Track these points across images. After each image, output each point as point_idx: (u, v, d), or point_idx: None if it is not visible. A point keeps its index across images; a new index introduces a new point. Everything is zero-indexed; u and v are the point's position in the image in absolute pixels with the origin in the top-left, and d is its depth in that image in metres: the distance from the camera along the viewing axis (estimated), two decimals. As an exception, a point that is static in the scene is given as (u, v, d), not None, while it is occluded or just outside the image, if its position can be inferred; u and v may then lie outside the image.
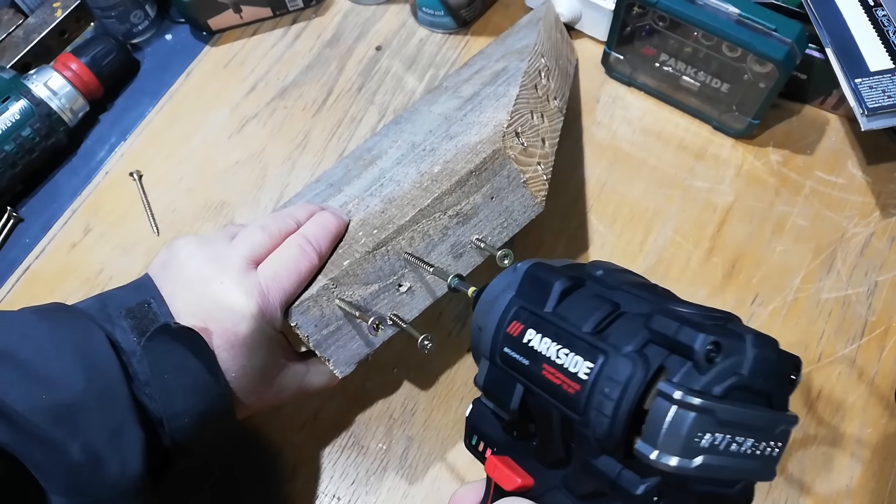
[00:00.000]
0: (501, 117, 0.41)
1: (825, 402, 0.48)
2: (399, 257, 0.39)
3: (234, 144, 0.60)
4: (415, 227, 0.39)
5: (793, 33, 0.50)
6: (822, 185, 0.56)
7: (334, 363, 0.40)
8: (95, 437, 0.32)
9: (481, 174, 0.39)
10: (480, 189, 0.39)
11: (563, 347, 0.25)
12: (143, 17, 0.65)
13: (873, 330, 0.51)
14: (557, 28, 0.59)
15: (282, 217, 0.42)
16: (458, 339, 0.51)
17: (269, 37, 0.66)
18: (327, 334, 0.39)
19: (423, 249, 0.40)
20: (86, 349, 0.34)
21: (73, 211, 0.58)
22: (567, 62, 0.58)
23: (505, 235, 0.41)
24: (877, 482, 0.46)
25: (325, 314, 0.39)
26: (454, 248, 0.40)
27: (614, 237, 0.55)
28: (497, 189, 0.40)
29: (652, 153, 0.58)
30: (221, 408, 0.37)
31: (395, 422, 0.49)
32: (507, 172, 0.40)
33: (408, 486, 0.47)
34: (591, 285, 0.27)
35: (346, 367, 0.41)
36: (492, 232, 0.41)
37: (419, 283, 0.40)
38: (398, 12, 0.67)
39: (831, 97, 0.58)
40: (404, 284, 0.40)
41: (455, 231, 0.40)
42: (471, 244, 0.41)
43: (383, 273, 0.39)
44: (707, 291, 0.52)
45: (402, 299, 0.40)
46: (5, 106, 0.56)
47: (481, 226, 0.40)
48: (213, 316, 0.37)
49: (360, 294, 0.39)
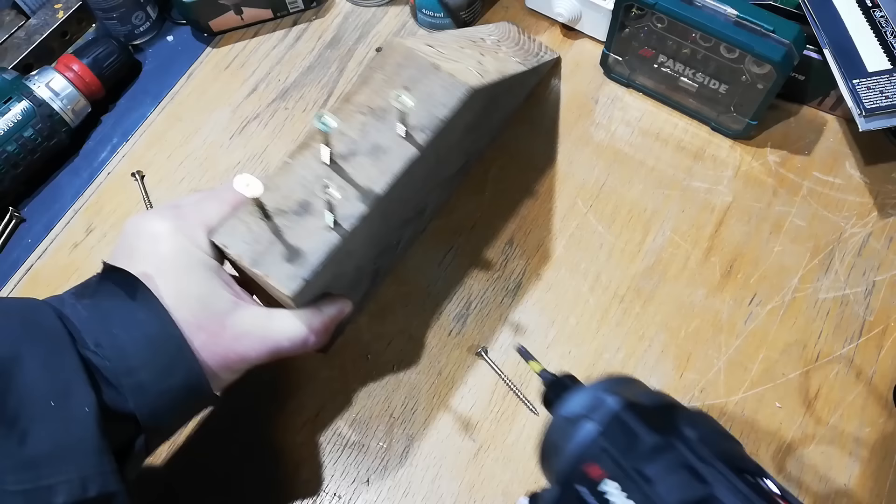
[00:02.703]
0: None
1: (823, 402, 0.49)
2: (320, 162, 0.39)
3: (236, 145, 0.61)
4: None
5: (791, 34, 0.50)
6: (820, 186, 0.56)
7: (276, 278, 0.36)
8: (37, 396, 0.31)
9: (385, 68, 0.41)
10: (391, 83, 0.41)
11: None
12: (145, 18, 0.66)
13: (871, 330, 0.51)
14: (518, 30, 0.63)
15: None
16: (459, 339, 0.52)
17: (270, 38, 0.66)
18: (261, 250, 0.37)
19: (345, 149, 0.39)
20: (29, 317, 0.33)
21: (75, 211, 0.58)
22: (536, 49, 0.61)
23: (438, 116, 0.41)
24: (875, 481, 0.46)
25: (253, 230, 0.37)
26: (381, 143, 0.40)
27: (613, 237, 0.55)
28: (410, 79, 0.41)
29: (650, 154, 0.58)
30: (178, 356, 0.35)
31: (396, 421, 0.49)
32: (415, 63, 0.41)
33: (408, 485, 0.47)
34: (682, 451, 0.26)
35: (292, 280, 0.37)
36: (419, 117, 0.40)
37: (348, 186, 0.39)
38: (398, 14, 0.67)
39: (829, 98, 0.58)
40: (331, 187, 0.38)
41: (375, 126, 0.40)
42: (395, 135, 0.40)
43: (306, 180, 0.39)
44: (705, 291, 0.52)
45: (343, 199, 0.38)
46: (7, 107, 0.57)
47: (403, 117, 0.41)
48: (135, 247, 0.36)
49: (288, 203, 0.38)
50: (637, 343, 0.51)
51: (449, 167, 0.51)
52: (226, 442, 0.49)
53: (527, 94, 0.61)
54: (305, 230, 0.37)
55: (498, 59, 0.51)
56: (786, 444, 0.48)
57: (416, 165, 0.40)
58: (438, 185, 0.52)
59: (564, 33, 0.65)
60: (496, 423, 0.49)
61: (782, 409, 0.49)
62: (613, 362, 0.50)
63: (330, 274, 0.40)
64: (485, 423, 0.49)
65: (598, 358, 0.51)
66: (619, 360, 0.50)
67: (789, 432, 0.48)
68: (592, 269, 0.54)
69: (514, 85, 0.54)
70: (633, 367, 0.50)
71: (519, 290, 0.53)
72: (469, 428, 0.49)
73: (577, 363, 0.50)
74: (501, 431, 0.49)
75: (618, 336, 0.51)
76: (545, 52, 0.62)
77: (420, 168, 0.42)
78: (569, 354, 0.51)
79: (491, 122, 0.54)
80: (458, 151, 0.51)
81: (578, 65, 0.63)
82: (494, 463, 0.48)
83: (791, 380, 0.49)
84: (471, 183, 0.57)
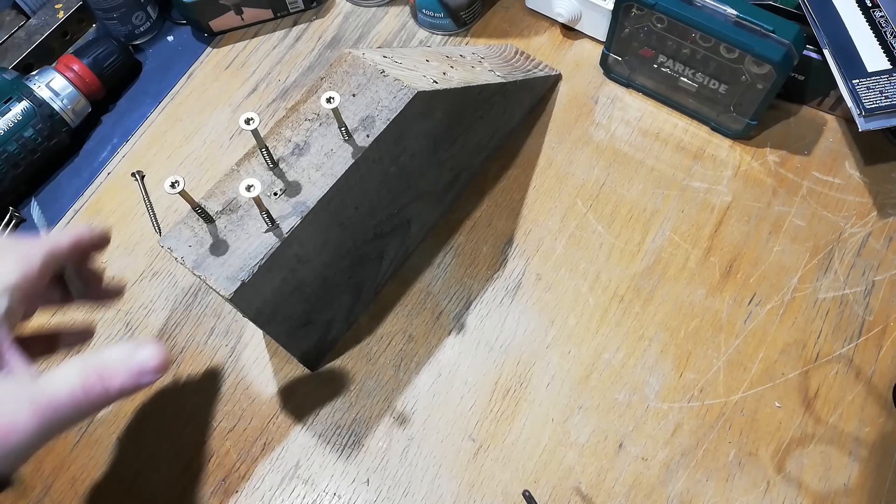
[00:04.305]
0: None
1: (823, 402, 0.49)
2: (266, 168, 0.40)
3: (236, 145, 0.61)
4: (275, 137, 0.41)
5: (790, 34, 0.50)
6: (820, 186, 0.56)
7: (214, 280, 0.37)
8: None
9: (332, 77, 0.42)
10: (337, 90, 0.41)
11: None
12: (145, 18, 0.66)
13: (870, 329, 0.51)
14: (515, 51, 0.62)
15: None
16: (459, 339, 0.52)
17: (270, 38, 0.67)
18: (203, 253, 0.38)
19: (290, 154, 0.40)
20: None
21: (75, 211, 0.58)
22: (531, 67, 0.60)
23: (378, 118, 0.41)
24: (875, 481, 0.46)
25: (197, 234, 0.39)
26: (324, 148, 0.40)
27: (613, 237, 0.55)
28: (357, 86, 0.42)
29: (650, 154, 0.58)
30: None
31: (396, 421, 0.49)
32: (362, 70, 0.42)
33: (408, 485, 0.47)
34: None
35: (230, 282, 0.37)
36: (362, 120, 0.41)
37: (292, 185, 0.40)
38: (398, 14, 0.67)
39: (829, 98, 0.58)
40: (277, 189, 0.39)
41: (320, 131, 0.41)
42: (339, 139, 0.40)
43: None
44: (705, 291, 0.52)
45: (279, 204, 0.39)
46: (7, 107, 0.57)
47: (350, 121, 0.41)
48: None
49: (231, 209, 0.39)
50: (637, 343, 0.51)
51: (429, 181, 0.50)
52: (225, 442, 0.49)
53: (525, 113, 0.60)
54: (246, 233, 0.38)
55: (469, 72, 0.51)
56: (785, 443, 0.48)
57: (364, 169, 0.41)
58: (421, 200, 0.51)
59: (564, 33, 0.65)
60: (496, 423, 0.49)
61: (782, 408, 0.49)
62: (613, 362, 0.50)
63: (278, 280, 0.40)
64: (485, 423, 0.49)
65: (598, 358, 0.51)
66: (619, 360, 0.50)
67: (789, 432, 0.48)
68: (592, 268, 0.54)
69: (498, 99, 0.53)
70: (633, 366, 0.50)
71: (519, 290, 0.53)
72: (469, 428, 0.49)
73: (577, 363, 0.50)
74: (501, 431, 0.49)
75: (617, 336, 0.51)
76: (542, 69, 0.61)
77: (373, 173, 0.42)
78: (569, 354, 0.51)
79: (478, 137, 0.53)
80: (435, 165, 0.50)
81: (578, 65, 0.63)
82: (494, 463, 0.48)
83: (790, 379, 0.49)
84: (471, 183, 0.57)
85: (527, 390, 0.50)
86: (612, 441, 0.48)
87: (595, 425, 0.48)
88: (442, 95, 0.44)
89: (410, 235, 0.52)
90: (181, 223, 0.39)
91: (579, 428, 0.48)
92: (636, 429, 0.48)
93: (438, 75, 0.46)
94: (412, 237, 0.53)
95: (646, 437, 0.48)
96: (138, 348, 0.34)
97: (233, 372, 0.51)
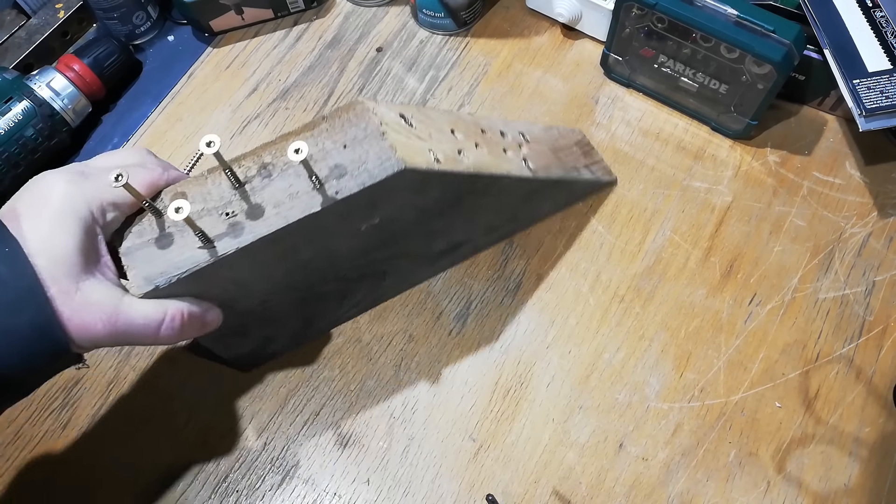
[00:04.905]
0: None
1: (823, 402, 0.49)
2: (231, 187, 0.39)
3: (236, 145, 0.61)
4: (254, 157, 0.40)
5: (791, 34, 0.50)
6: (820, 186, 0.56)
7: (133, 274, 0.37)
8: None
9: (334, 120, 0.40)
10: (332, 136, 0.39)
11: None
12: (146, 18, 0.66)
13: (871, 329, 0.51)
14: (575, 141, 0.57)
15: None
16: (459, 339, 0.52)
17: (271, 38, 0.67)
18: (138, 244, 0.38)
19: (259, 182, 0.39)
20: None
21: (75, 211, 0.58)
22: (579, 165, 0.55)
23: (355, 180, 0.38)
24: (875, 481, 0.46)
25: (143, 223, 0.38)
26: (292, 187, 0.39)
27: (613, 237, 0.55)
28: (352, 139, 0.39)
29: (650, 154, 0.58)
30: (27, 295, 0.33)
31: (396, 420, 0.49)
32: (364, 125, 0.39)
33: (408, 485, 0.47)
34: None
35: (145, 282, 0.36)
36: (339, 177, 0.39)
37: (245, 214, 0.38)
38: (399, 14, 0.67)
39: (829, 98, 0.58)
40: (230, 211, 0.38)
41: (297, 170, 0.39)
42: (310, 185, 0.38)
43: (210, 196, 0.39)
44: (705, 291, 0.52)
45: (225, 227, 0.38)
46: (8, 107, 0.57)
47: (326, 171, 0.39)
48: (25, 190, 0.36)
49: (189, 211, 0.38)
50: (637, 343, 0.51)
51: (415, 245, 0.48)
52: (225, 442, 0.49)
53: (559, 209, 0.56)
54: (184, 241, 0.37)
55: (493, 156, 0.46)
56: (785, 443, 0.48)
57: (325, 221, 0.39)
58: (403, 258, 0.49)
59: (565, 33, 0.65)
60: (496, 423, 0.49)
61: (782, 408, 0.49)
62: (613, 362, 0.50)
63: (204, 294, 0.39)
64: (485, 423, 0.49)
65: (598, 358, 0.51)
66: (619, 360, 0.50)
67: (789, 432, 0.48)
68: (592, 268, 0.54)
69: (519, 191, 0.49)
70: (633, 366, 0.50)
71: (519, 290, 0.53)
72: (469, 428, 0.49)
73: (578, 363, 0.50)
74: (501, 431, 0.49)
75: (618, 336, 0.51)
76: (594, 171, 0.55)
77: (339, 226, 0.40)
78: (569, 354, 0.51)
79: (489, 219, 0.51)
80: (425, 233, 0.48)
81: (578, 65, 0.63)
82: (494, 463, 0.48)
83: (791, 380, 0.49)
84: (475, 254, 0.55)
85: (527, 390, 0.50)
86: (612, 441, 0.48)
87: (595, 425, 0.48)
88: (438, 177, 0.41)
89: (384, 286, 0.51)
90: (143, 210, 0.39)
91: (579, 428, 0.48)
92: (636, 429, 0.48)
93: (449, 152, 0.43)
94: (387, 288, 0.51)
95: (646, 437, 0.48)
96: (210, 310, 0.40)
97: (233, 371, 0.51)
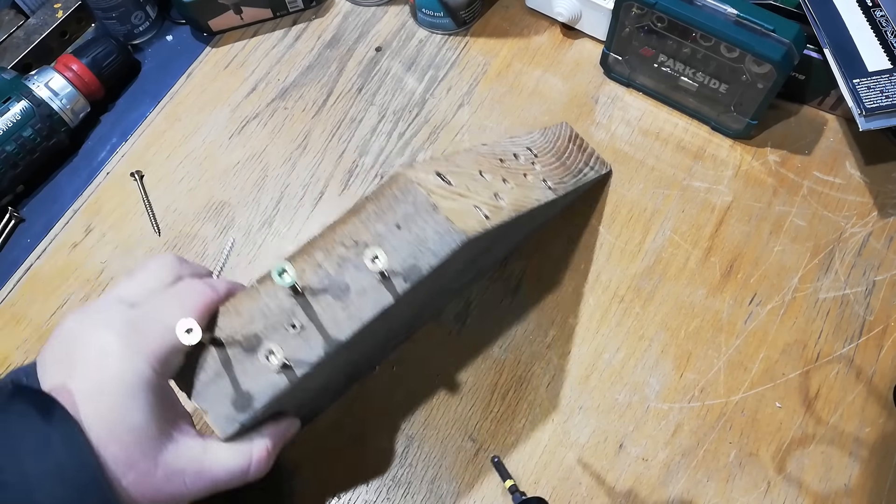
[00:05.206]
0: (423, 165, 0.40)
1: (823, 402, 0.49)
2: (289, 295, 0.35)
3: (235, 145, 0.61)
4: (306, 258, 0.36)
5: (791, 34, 0.50)
6: (820, 186, 0.56)
7: (213, 416, 0.34)
8: None
9: (380, 201, 0.36)
10: (382, 217, 0.36)
11: None
12: (144, 18, 0.66)
13: (871, 329, 0.51)
14: (568, 138, 0.57)
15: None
16: (459, 339, 0.52)
17: (270, 38, 0.66)
18: (206, 381, 0.35)
19: (318, 283, 0.36)
20: None
21: (74, 211, 0.58)
22: (581, 164, 0.55)
23: (421, 263, 0.36)
24: (875, 481, 0.46)
25: (203, 356, 0.35)
26: (355, 284, 0.36)
27: (613, 237, 0.55)
28: (403, 217, 0.36)
29: (650, 153, 0.58)
30: (91, 489, 0.30)
31: (396, 420, 0.49)
32: (412, 199, 0.36)
33: (408, 485, 0.47)
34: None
35: (228, 423, 0.34)
36: (403, 261, 0.36)
37: (314, 322, 0.36)
38: (398, 13, 0.67)
39: (829, 97, 0.58)
40: (296, 323, 0.35)
41: (354, 263, 0.36)
42: (371, 279, 0.36)
43: (269, 310, 0.35)
44: (705, 291, 0.52)
45: (296, 341, 0.35)
46: (6, 107, 0.57)
47: (391, 260, 0.36)
48: (75, 359, 0.32)
49: (244, 333, 0.35)
50: (637, 343, 0.51)
51: (452, 286, 0.47)
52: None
53: (561, 210, 0.55)
54: (255, 367, 0.35)
55: (522, 186, 0.45)
56: (786, 444, 0.47)
57: (392, 310, 0.36)
58: (440, 297, 0.48)
59: (564, 33, 0.65)
60: (496, 423, 0.49)
61: (782, 408, 0.49)
62: (613, 362, 0.50)
63: (277, 407, 0.37)
64: (485, 424, 0.49)
65: (598, 358, 0.51)
66: (619, 360, 0.50)
67: (789, 432, 0.48)
68: (592, 269, 0.54)
69: (544, 209, 0.48)
70: (633, 366, 0.50)
71: (519, 290, 0.53)
72: (469, 428, 0.49)
73: (577, 363, 0.50)
74: (501, 432, 0.49)
75: (618, 336, 0.51)
76: (593, 166, 0.56)
77: (401, 308, 0.38)
78: (569, 354, 0.51)
79: (511, 241, 0.50)
80: (460, 276, 0.46)
81: (578, 64, 0.63)
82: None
83: (791, 380, 0.49)
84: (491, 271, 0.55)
85: (527, 390, 0.50)
86: (612, 441, 0.48)
87: (595, 426, 0.48)
88: (490, 231, 0.39)
89: (419, 322, 0.51)
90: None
91: (579, 428, 0.48)
92: (636, 429, 0.48)
93: (490, 202, 0.41)
94: (420, 322, 0.51)
95: (646, 437, 0.48)
96: (289, 422, 0.39)
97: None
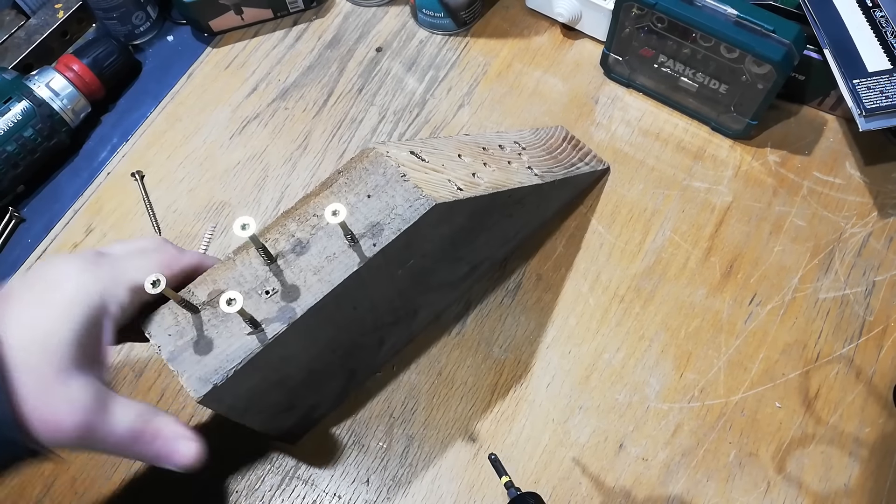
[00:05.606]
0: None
1: (823, 402, 0.49)
2: (263, 263, 0.37)
3: (236, 145, 0.61)
4: (279, 229, 0.38)
5: (791, 34, 0.50)
6: (820, 186, 0.56)
7: (187, 378, 0.35)
8: None
9: (350, 172, 0.39)
10: (353, 188, 0.39)
11: None
12: (145, 18, 0.66)
13: (871, 329, 0.51)
14: (563, 138, 0.58)
15: None
16: (459, 339, 0.52)
17: (270, 38, 0.66)
18: (182, 346, 0.36)
19: (291, 250, 0.37)
20: None
21: (74, 211, 0.58)
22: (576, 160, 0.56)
23: (389, 228, 0.38)
24: (875, 481, 0.46)
25: (179, 322, 0.36)
26: (326, 250, 0.37)
27: (613, 237, 0.55)
28: (374, 187, 0.38)
29: (650, 154, 0.58)
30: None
31: (396, 420, 0.49)
32: (382, 170, 0.39)
33: (408, 485, 0.47)
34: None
35: (201, 384, 0.35)
36: (372, 227, 0.38)
37: (285, 287, 0.37)
38: (398, 14, 0.67)
39: (829, 98, 0.58)
40: (269, 289, 0.37)
41: (325, 231, 0.38)
42: (343, 243, 0.37)
43: (243, 278, 0.37)
44: (705, 291, 0.52)
45: (268, 305, 0.36)
46: (7, 107, 0.57)
47: (359, 225, 0.38)
48: (30, 275, 0.33)
49: (218, 298, 0.36)
50: (637, 343, 0.51)
51: (442, 276, 0.48)
52: (225, 441, 0.49)
53: (562, 206, 0.56)
54: (229, 331, 0.36)
55: (503, 171, 0.47)
56: (786, 444, 0.48)
57: (366, 275, 0.38)
58: (431, 291, 0.49)
59: (565, 33, 0.65)
60: (496, 423, 0.49)
61: (782, 409, 0.49)
62: (613, 362, 0.50)
63: (257, 379, 0.38)
64: (485, 423, 0.49)
65: (598, 358, 0.51)
66: (619, 360, 0.50)
67: (789, 432, 0.48)
68: (592, 269, 0.54)
69: (531, 198, 0.50)
70: (633, 366, 0.50)
71: (519, 291, 0.53)
72: (469, 428, 0.49)
73: (577, 363, 0.50)
74: (501, 431, 0.49)
75: (618, 336, 0.51)
76: (588, 162, 0.56)
77: (376, 278, 0.39)
78: (569, 354, 0.51)
79: (504, 232, 0.51)
80: (450, 261, 0.47)
81: (578, 65, 0.63)
82: (494, 463, 0.48)
83: (791, 380, 0.49)
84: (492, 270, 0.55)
85: (527, 390, 0.50)
86: (612, 441, 0.48)
87: (595, 426, 0.48)
88: (464, 204, 0.41)
89: (417, 321, 0.50)
90: (165, 307, 0.36)
91: (579, 428, 0.48)
92: (636, 429, 0.48)
93: (466, 178, 0.43)
94: (419, 322, 0.51)
95: (646, 437, 0.48)
96: (189, 440, 0.37)
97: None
